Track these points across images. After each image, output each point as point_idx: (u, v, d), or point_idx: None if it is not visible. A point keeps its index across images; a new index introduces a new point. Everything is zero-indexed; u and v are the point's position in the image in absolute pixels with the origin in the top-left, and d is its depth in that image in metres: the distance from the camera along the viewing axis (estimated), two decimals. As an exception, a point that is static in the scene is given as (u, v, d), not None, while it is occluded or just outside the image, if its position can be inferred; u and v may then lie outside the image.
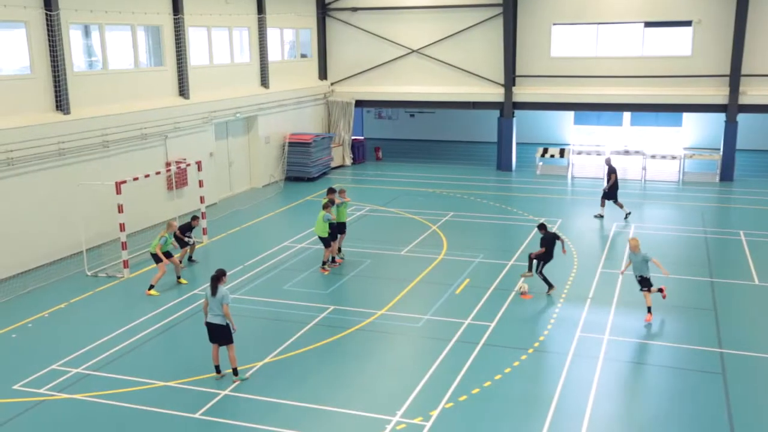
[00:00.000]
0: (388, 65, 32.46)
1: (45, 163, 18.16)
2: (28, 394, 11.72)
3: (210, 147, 24.86)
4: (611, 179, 22.27)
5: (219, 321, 11.86)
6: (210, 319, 11.92)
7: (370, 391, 11.87)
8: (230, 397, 11.56)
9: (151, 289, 16.26)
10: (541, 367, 12.52)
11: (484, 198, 25.69)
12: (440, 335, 13.89)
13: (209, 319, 11.92)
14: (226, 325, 11.90)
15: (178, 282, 16.83)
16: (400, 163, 33.15)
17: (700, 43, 28.26)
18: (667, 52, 28.91)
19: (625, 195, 26.06)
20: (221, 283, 11.93)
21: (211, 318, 11.91)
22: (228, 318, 11.85)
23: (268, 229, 22.10)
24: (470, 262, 18.23)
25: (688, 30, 28.49)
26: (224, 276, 12.06)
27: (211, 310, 11.88)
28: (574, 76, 29.74)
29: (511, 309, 15.14)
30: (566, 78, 29.88)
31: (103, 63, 20.81)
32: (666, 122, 35.66)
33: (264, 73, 28.29)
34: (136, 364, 12.85)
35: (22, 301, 16.02)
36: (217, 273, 11.98)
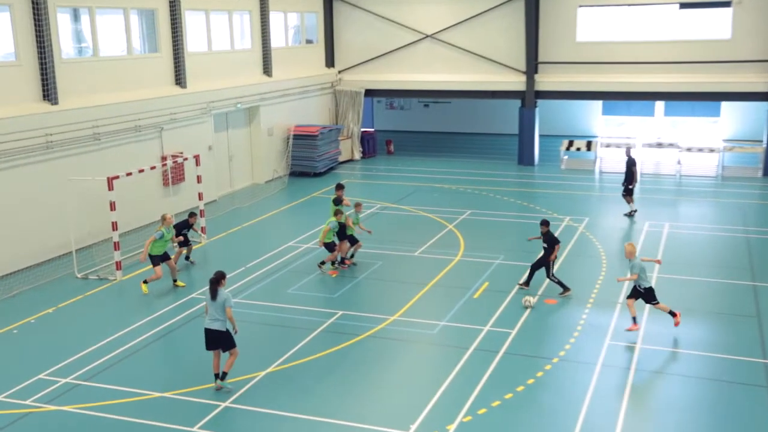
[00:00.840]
0: (400, 51, 32.40)
1: (31, 157, 18.21)
2: (13, 405, 11.74)
3: (209, 140, 24.89)
4: (634, 173, 22.18)
5: (218, 327, 11.85)
6: (208, 324, 11.90)
7: (381, 403, 11.81)
8: (231, 409, 11.53)
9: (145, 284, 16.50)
10: (566, 379, 12.42)
11: (504, 195, 25.59)
12: (457, 343, 13.81)
13: (207, 324, 11.91)
14: (226, 331, 11.89)
15: (175, 285, 16.82)
16: (414, 157, 33.08)
17: (740, 26, 28.01)
18: (704, 35, 28.68)
19: (659, 191, 25.90)
20: (221, 286, 11.91)
21: (209, 323, 11.89)
22: (231, 322, 11.85)
23: (271, 228, 22.09)
24: (489, 264, 18.15)
25: (728, 11, 28.25)
26: (224, 279, 12.05)
27: (210, 315, 11.86)
28: (602, 63, 29.55)
29: (534, 315, 15.04)
30: (593, 64, 29.69)
31: (93, 49, 20.85)
32: (703, 112, 35.41)
33: (267, 61, 28.30)
34: (129, 373, 12.84)
35: (6, 305, 16.07)
36: (216, 276, 11.97)
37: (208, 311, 11.93)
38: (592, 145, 30.52)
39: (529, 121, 30.44)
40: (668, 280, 16.95)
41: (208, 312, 11.90)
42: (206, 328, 11.96)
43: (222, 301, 11.78)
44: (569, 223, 21.80)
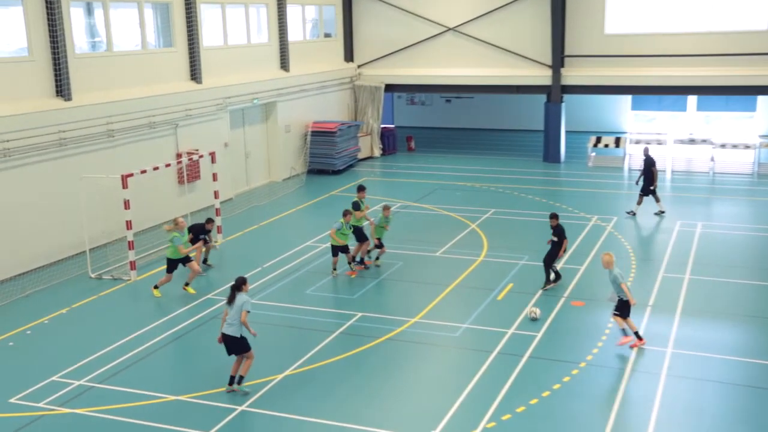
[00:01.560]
0: (421, 45, 32.36)
1: (44, 154, 18.40)
2: (26, 408, 11.87)
3: (225, 136, 25.01)
4: (654, 173, 22.01)
5: (233, 332, 11.89)
6: (225, 329, 11.95)
7: (401, 408, 11.80)
8: (247, 413, 11.59)
9: (156, 288, 16.58)
10: (594, 384, 12.34)
11: (529, 193, 25.49)
12: (480, 346, 13.77)
13: (224, 329, 11.96)
14: (241, 337, 11.91)
15: (185, 289, 16.72)
16: (435, 154, 33.04)
17: (776, 17, 27.68)
18: (739, 26, 28.34)
19: (691, 189, 25.69)
20: (241, 291, 11.96)
21: (225, 328, 11.94)
22: (245, 326, 11.86)
23: (288, 227, 22.16)
24: (514, 265, 18.08)
25: (764, 0, 27.90)
26: (245, 285, 12.09)
27: (228, 319, 11.91)
28: (631, 56, 29.32)
29: (561, 318, 14.97)
30: (623, 58, 29.47)
31: (107, 44, 21.03)
32: (738, 107, 35.03)
33: (284, 55, 28.39)
34: (144, 376, 12.94)
35: (19, 305, 16.26)
36: (237, 281, 12.04)
37: (226, 316, 11.98)
38: (621, 142, 30.32)
39: (555, 117, 30.28)
40: (701, 282, 16.80)
41: (226, 317, 11.96)
42: (223, 333, 12.02)
43: (239, 306, 11.84)
44: (597, 222, 21.67)
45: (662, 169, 28.51)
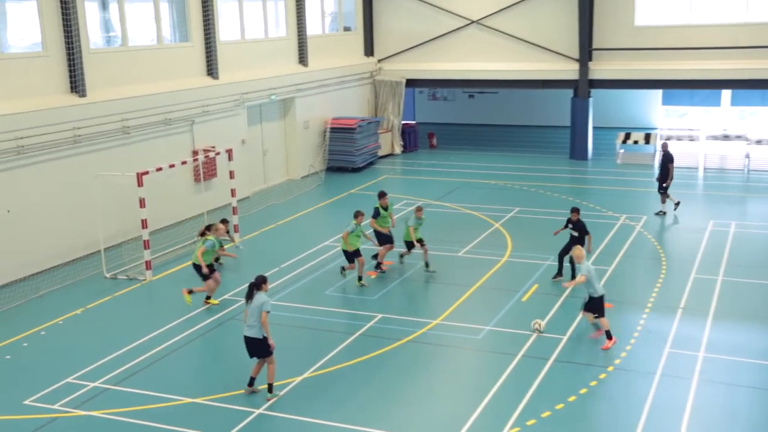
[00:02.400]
0: (443, 39, 32.34)
1: (58, 151, 18.61)
2: (41, 410, 12.03)
3: (242, 133, 25.16)
4: (670, 170, 21.90)
5: (254, 334, 11.90)
6: (245, 331, 11.97)
7: (422, 412, 11.83)
8: (265, 416, 11.66)
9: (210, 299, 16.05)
10: (623, 389, 12.30)
11: (554, 191, 25.40)
12: (504, 349, 13.77)
13: (245, 332, 11.97)
14: (263, 338, 11.93)
15: (207, 303, 16.16)
16: (458, 151, 33.00)
17: (814, 8, 27.36)
18: (774, 18, 28.07)
19: (724, 187, 25.47)
20: (261, 290, 11.99)
21: (246, 330, 11.96)
22: (264, 328, 11.85)
23: (307, 226, 22.25)
24: (539, 266, 18.04)
25: (801, -8, 27.63)
26: (265, 284, 12.08)
27: (248, 321, 11.92)
28: (662, 48, 29.11)
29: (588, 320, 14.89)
30: (653, 51, 29.27)
31: (122, 39, 21.23)
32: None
33: (302, 50, 28.49)
34: (160, 377, 13.07)
35: (33, 306, 16.47)
36: (257, 279, 12.05)
37: (246, 317, 12.00)
38: (651, 138, 30.10)
39: (582, 113, 30.14)
40: (734, 283, 16.67)
41: (246, 318, 11.98)
42: (244, 336, 12.01)
43: (258, 305, 11.82)
44: (625, 221, 21.55)
45: (694, 166, 28.36)
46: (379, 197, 18.25)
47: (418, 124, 35.94)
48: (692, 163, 28.67)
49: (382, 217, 18.01)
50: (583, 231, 16.70)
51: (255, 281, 12.04)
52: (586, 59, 29.88)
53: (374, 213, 17.98)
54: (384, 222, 18.05)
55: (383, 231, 17.96)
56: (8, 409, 12.03)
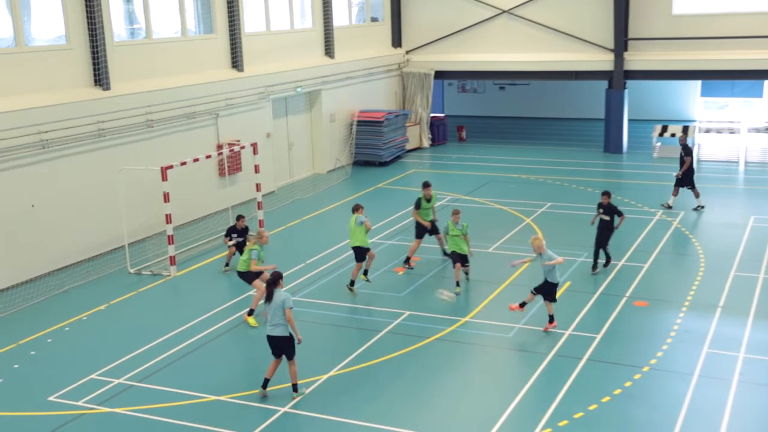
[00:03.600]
0: (473, 29, 32.22)
1: (82, 145, 18.84)
2: (65, 406, 12.20)
3: (267, 127, 25.28)
4: (686, 163, 21.83)
5: (280, 332, 11.91)
6: (270, 331, 11.97)
7: (451, 412, 11.83)
8: (290, 415, 11.73)
9: (251, 316, 15.21)
10: (659, 390, 12.20)
11: (588, 186, 25.23)
12: (535, 348, 13.72)
13: (269, 331, 11.98)
14: (289, 336, 11.96)
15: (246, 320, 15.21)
16: (488, 144, 32.90)
17: None
18: (819, 5, 27.63)
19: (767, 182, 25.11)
20: (278, 287, 12.04)
21: (270, 330, 11.95)
22: (291, 325, 11.89)
23: (333, 221, 22.30)
24: (572, 262, 17.94)
25: None
26: (281, 279, 12.17)
27: (271, 320, 11.95)
28: (701, 38, 28.75)
29: (622, 318, 14.82)
30: (692, 40, 28.93)
31: (146, 31, 21.42)
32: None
33: (329, 41, 28.53)
34: (184, 374, 13.20)
35: (57, 301, 16.70)
36: (273, 277, 12.07)
37: (268, 317, 12.05)
38: (690, 131, 29.73)
39: (617, 105, 29.90)
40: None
41: (269, 317, 12.01)
42: (269, 335, 12.02)
43: (280, 303, 11.84)
44: (662, 217, 21.35)
45: (735, 160, 28.00)
46: (423, 187, 18.04)
47: (447, 116, 35.87)
48: (733, 156, 28.30)
49: (424, 209, 17.92)
50: (615, 213, 17.05)
51: (272, 279, 12.01)
52: (622, 49, 29.61)
53: (416, 204, 17.91)
54: (425, 214, 17.95)
55: (424, 224, 17.88)
56: (33, 406, 12.22)
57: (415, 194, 24.28)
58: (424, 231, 17.99)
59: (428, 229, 17.97)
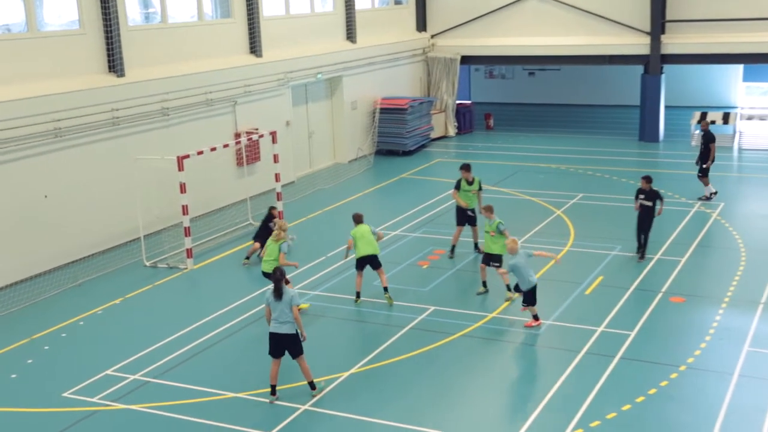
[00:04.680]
0: (501, 12, 32.09)
1: (97, 134, 19.00)
2: (80, 402, 12.36)
3: (286, 114, 25.35)
4: (711, 150, 21.86)
5: (288, 329, 11.93)
6: (276, 328, 11.95)
7: (478, 411, 11.85)
8: (311, 413, 11.81)
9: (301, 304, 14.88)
10: (696, 390, 12.15)
11: (622, 176, 25.09)
12: (566, 345, 13.70)
13: (275, 329, 11.96)
14: (296, 333, 12.01)
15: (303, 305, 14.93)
16: (516, 132, 32.78)
17: None
18: None
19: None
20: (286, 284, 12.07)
21: (277, 327, 11.94)
22: (298, 323, 11.94)
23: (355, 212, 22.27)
24: (604, 256, 17.87)
25: None
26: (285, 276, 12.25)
27: (277, 318, 11.92)
28: (743, 19, 28.43)
29: (657, 315, 14.75)
30: (734, 22, 28.61)
31: (161, 15, 21.54)
32: None
33: (350, 25, 28.54)
34: (201, 371, 13.32)
35: (71, 295, 16.90)
36: (281, 274, 12.08)
37: (271, 314, 11.99)
38: (730, 118, 29.47)
39: (653, 91, 29.67)
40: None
41: (273, 315, 11.94)
42: (274, 333, 11.99)
43: (288, 300, 11.86)
44: (700, 209, 21.19)
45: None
46: (461, 169, 18.10)
47: (474, 104, 35.75)
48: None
49: (464, 191, 17.95)
50: (656, 198, 17.31)
51: (280, 276, 12.01)
52: (659, 32, 29.34)
53: (456, 184, 18.03)
54: (467, 198, 17.97)
55: (462, 204, 17.92)
56: (47, 402, 12.39)
57: (439, 184, 24.40)
58: (464, 217, 18.02)
59: (468, 216, 17.94)
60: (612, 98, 37.84)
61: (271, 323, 12.02)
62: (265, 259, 15.15)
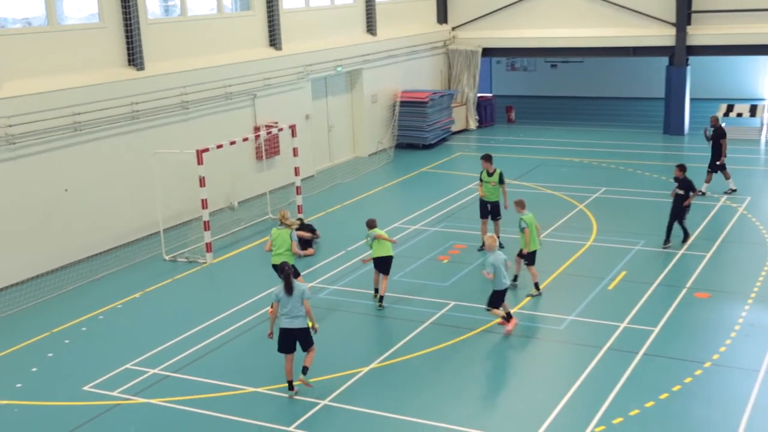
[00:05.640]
0: (523, 3, 31.97)
1: (116, 127, 19.13)
2: (100, 396, 12.48)
3: (306, 108, 25.40)
4: (723, 146, 21.74)
5: (301, 324, 11.95)
6: (288, 324, 11.93)
7: (498, 407, 11.86)
8: (330, 408, 11.85)
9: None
10: (721, 387, 12.07)
11: (646, 169, 24.95)
12: (588, 341, 13.65)
13: (287, 324, 11.94)
14: (308, 327, 12.03)
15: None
16: (538, 125, 32.67)
17: None
18: None
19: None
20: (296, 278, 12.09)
21: (289, 323, 11.92)
22: (310, 316, 11.97)
23: (374, 207, 22.36)
24: (627, 251, 17.79)
25: None
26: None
27: (288, 313, 11.90)
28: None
29: (682, 311, 14.67)
30: (761, 12, 28.33)
31: (181, 8, 21.64)
32: None
33: (370, 17, 28.53)
34: (221, 365, 13.40)
35: (91, 289, 17.04)
36: (290, 268, 12.07)
37: (279, 310, 11.96)
38: (758, 110, 29.23)
39: (678, 83, 29.48)
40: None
41: (284, 310, 11.90)
42: (286, 329, 11.95)
43: (300, 294, 11.88)
44: (726, 203, 21.02)
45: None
46: (482, 159, 18.08)
47: (495, 96, 35.67)
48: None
49: (484, 183, 17.95)
50: (690, 188, 17.63)
51: (289, 270, 11.99)
52: (684, 23, 29.12)
53: (480, 176, 18.06)
54: (487, 190, 17.92)
55: (481, 194, 17.96)
56: (68, 395, 12.52)
57: (460, 178, 24.38)
58: (485, 210, 17.98)
59: (488, 209, 17.91)
60: (636, 90, 37.63)
61: (282, 319, 12.00)
62: (277, 252, 14.76)
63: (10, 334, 14.81)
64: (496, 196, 17.93)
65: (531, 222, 15.59)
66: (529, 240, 15.47)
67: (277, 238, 14.77)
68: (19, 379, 13.12)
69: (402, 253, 18.13)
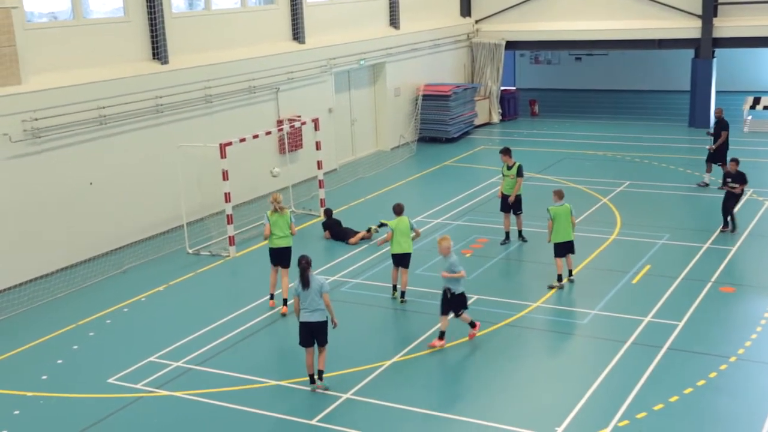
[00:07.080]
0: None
1: (140, 121, 19.23)
2: (124, 389, 12.56)
3: (329, 101, 25.41)
4: (722, 137, 21.58)
5: (319, 317, 11.91)
6: (308, 317, 11.89)
7: (521, 401, 11.81)
8: (353, 401, 11.85)
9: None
10: (747, 381, 11.96)
11: (671, 163, 24.75)
12: (612, 335, 13.57)
13: (307, 317, 11.90)
14: (327, 320, 12.00)
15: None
16: (562, 119, 32.49)
17: None
18: None
19: None
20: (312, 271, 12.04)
21: (308, 316, 11.88)
22: (329, 310, 11.94)
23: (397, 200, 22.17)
24: (652, 244, 17.66)
25: None
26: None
27: (307, 306, 11.88)
28: (798, 2, 27.81)
29: (707, 305, 14.54)
30: (788, 4, 27.99)
31: (205, 2, 21.70)
32: None
33: (393, 11, 28.47)
34: (244, 358, 13.44)
35: (115, 282, 17.16)
36: (307, 261, 12.03)
37: (300, 304, 11.93)
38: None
39: (704, 75, 29.20)
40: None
41: (303, 304, 11.88)
42: (305, 322, 11.92)
43: (318, 288, 11.85)
44: (752, 196, 20.79)
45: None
46: (500, 152, 18.16)
47: (519, 90, 35.53)
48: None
49: (505, 177, 17.95)
50: (743, 182, 18.01)
51: (306, 264, 11.95)
52: (711, 15, 28.82)
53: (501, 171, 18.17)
54: (506, 183, 17.93)
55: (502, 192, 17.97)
56: (92, 388, 12.62)
57: (483, 172, 24.31)
58: (506, 205, 17.94)
59: (509, 204, 17.88)
60: (661, 83, 37.34)
61: (300, 313, 11.97)
62: (278, 235, 14.84)
63: (36, 327, 14.95)
64: (512, 190, 17.88)
65: (558, 214, 15.42)
66: (551, 231, 15.39)
67: (276, 222, 14.88)
68: (44, 371, 13.24)
69: (424, 247, 18.08)
